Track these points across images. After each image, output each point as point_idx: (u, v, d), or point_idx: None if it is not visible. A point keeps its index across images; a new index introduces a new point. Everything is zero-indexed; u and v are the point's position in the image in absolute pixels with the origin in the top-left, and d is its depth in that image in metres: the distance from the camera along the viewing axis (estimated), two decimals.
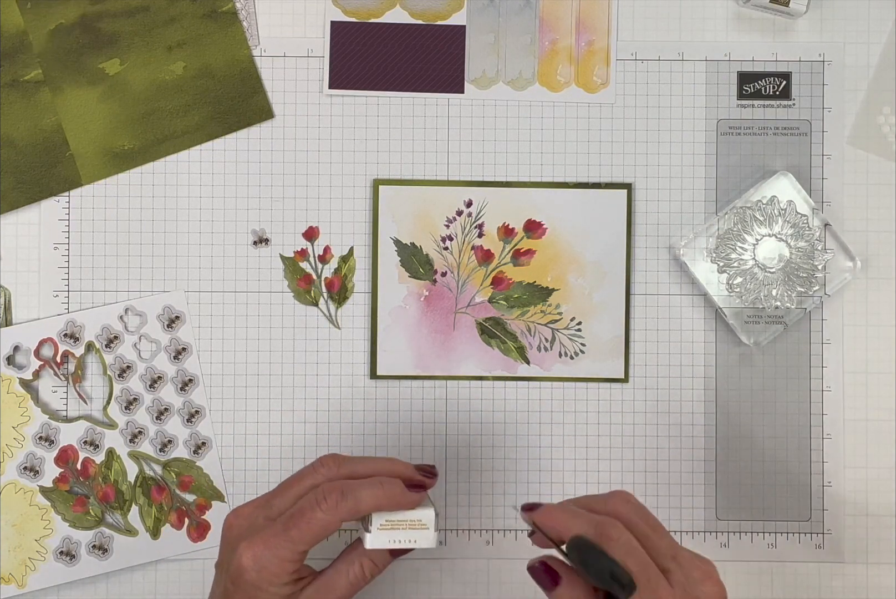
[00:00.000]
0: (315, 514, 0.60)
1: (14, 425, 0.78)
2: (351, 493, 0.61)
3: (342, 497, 0.60)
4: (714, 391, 0.79)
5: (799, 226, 0.77)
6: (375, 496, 0.61)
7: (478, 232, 0.79)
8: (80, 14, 0.78)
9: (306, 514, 0.60)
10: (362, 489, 0.61)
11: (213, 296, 0.79)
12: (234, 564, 0.61)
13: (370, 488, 0.61)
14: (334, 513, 0.60)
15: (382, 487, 0.61)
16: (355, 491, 0.61)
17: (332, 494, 0.61)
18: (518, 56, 0.79)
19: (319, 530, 0.60)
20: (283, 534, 0.60)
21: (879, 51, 0.79)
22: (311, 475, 0.63)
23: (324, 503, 0.60)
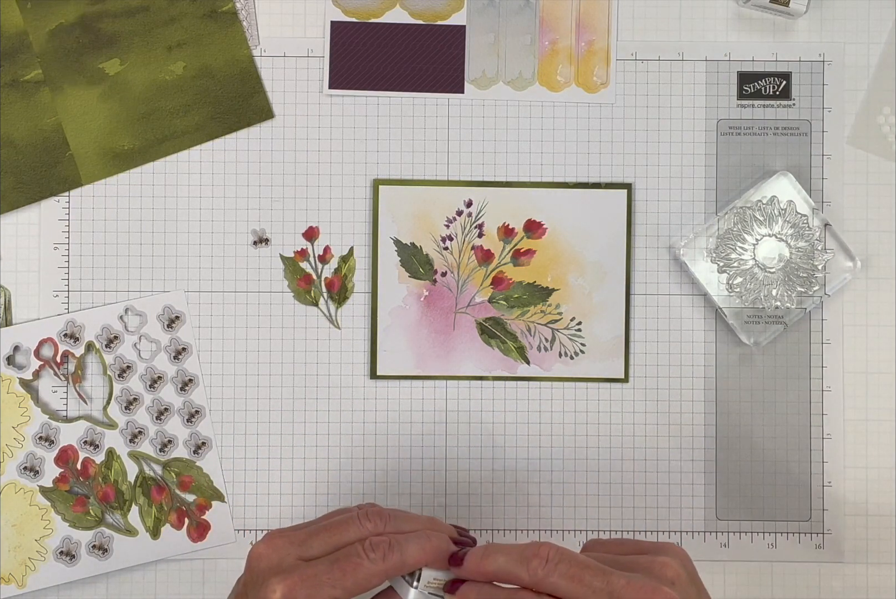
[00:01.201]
0: (362, 562, 0.58)
1: (14, 425, 0.78)
2: (398, 546, 0.58)
3: (390, 550, 0.58)
4: (714, 391, 0.79)
5: (799, 226, 0.77)
6: (423, 550, 0.59)
7: (478, 232, 0.79)
8: (80, 14, 0.78)
9: (352, 560, 0.58)
10: (410, 542, 0.59)
11: (213, 296, 0.79)
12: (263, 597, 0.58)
13: (418, 542, 0.59)
14: (381, 565, 0.58)
15: (430, 541, 0.59)
16: (403, 544, 0.59)
17: (381, 545, 0.58)
18: (518, 56, 0.79)
19: (363, 579, 0.58)
20: (325, 575, 0.57)
21: (879, 51, 0.79)
22: (354, 525, 0.60)
23: (371, 553, 0.58)
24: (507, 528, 0.78)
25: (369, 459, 0.79)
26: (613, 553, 0.59)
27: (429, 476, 0.78)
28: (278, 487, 0.78)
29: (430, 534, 0.59)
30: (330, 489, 0.79)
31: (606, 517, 0.78)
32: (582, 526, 0.78)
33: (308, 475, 0.79)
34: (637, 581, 0.54)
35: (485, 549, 0.57)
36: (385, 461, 0.79)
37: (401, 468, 0.78)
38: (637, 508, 0.79)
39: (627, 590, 0.54)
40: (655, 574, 0.56)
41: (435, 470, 0.79)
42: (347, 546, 0.59)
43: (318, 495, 0.78)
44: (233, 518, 0.78)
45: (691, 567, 0.58)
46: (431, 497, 0.78)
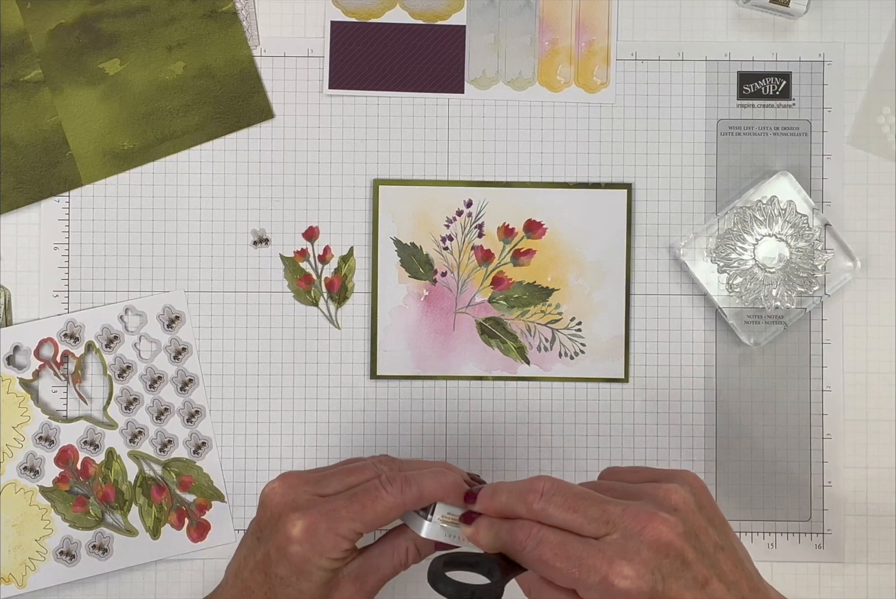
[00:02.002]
0: (380, 494, 0.59)
1: (14, 425, 0.78)
2: (415, 480, 0.60)
3: (407, 483, 0.60)
4: (714, 391, 0.79)
5: (799, 226, 0.77)
6: (440, 484, 0.60)
7: (478, 232, 0.79)
8: (80, 14, 0.78)
9: (371, 493, 0.59)
10: (426, 477, 0.60)
11: (213, 296, 0.79)
12: (283, 533, 0.59)
13: (434, 477, 0.60)
14: (399, 497, 0.59)
15: (446, 477, 0.60)
16: (419, 479, 0.60)
17: (397, 480, 0.60)
18: (518, 56, 0.79)
19: (383, 511, 0.59)
20: (345, 509, 0.58)
21: (879, 51, 0.79)
22: (369, 468, 0.62)
23: (389, 486, 0.59)
24: None
25: None
26: (627, 480, 0.59)
27: None
28: None
29: (445, 472, 0.61)
30: None
31: None
32: None
33: None
34: (634, 508, 0.54)
35: (493, 488, 0.58)
36: None
37: None
38: None
39: (624, 518, 0.54)
40: (658, 501, 0.55)
41: None
42: (365, 483, 0.60)
43: None
44: (233, 518, 0.78)
45: (703, 496, 0.57)
46: None
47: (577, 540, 0.54)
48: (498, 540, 0.57)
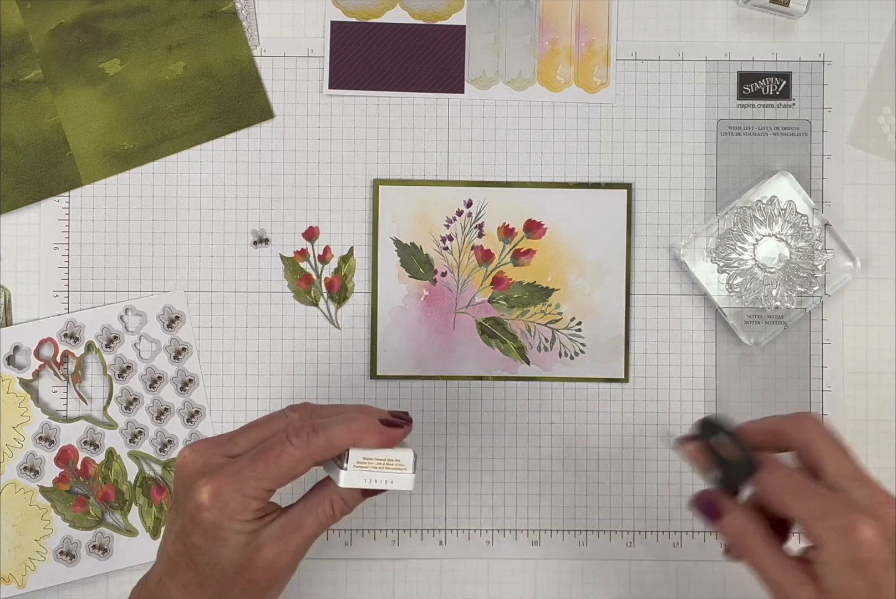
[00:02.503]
0: (285, 448, 0.57)
1: (14, 425, 0.78)
2: (323, 429, 0.58)
3: (314, 433, 0.57)
4: (714, 391, 0.79)
5: (799, 226, 0.77)
6: (350, 430, 0.58)
7: (478, 232, 0.79)
8: (80, 14, 0.78)
9: (275, 448, 0.57)
10: (335, 424, 0.58)
11: (213, 296, 0.79)
12: (193, 501, 0.57)
13: (344, 423, 0.58)
14: (306, 449, 0.57)
15: (357, 421, 0.58)
16: (328, 427, 0.58)
17: (304, 430, 0.58)
18: (518, 56, 0.79)
19: (289, 466, 0.57)
20: (249, 469, 0.57)
21: (879, 51, 0.79)
22: (279, 419, 0.60)
23: (294, 439, 0.57)
24: (506, 528, 0.78)
25: None
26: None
27: (428, 476, 0.78)
28: None
29: (355, 416, 0.59)
30: None
31: (606, 516, 0.78)
32: (582, 526, 0.78)
33: (307, 474, 0.78)
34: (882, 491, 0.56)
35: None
36: None
37: None
38: (637, 508, 0.78)
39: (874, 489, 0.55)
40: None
41: (435, 470, 0.79)
42: (271, 437, 0.58)
43: None
44: None
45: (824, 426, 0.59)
46: (431, 497, 0.78)
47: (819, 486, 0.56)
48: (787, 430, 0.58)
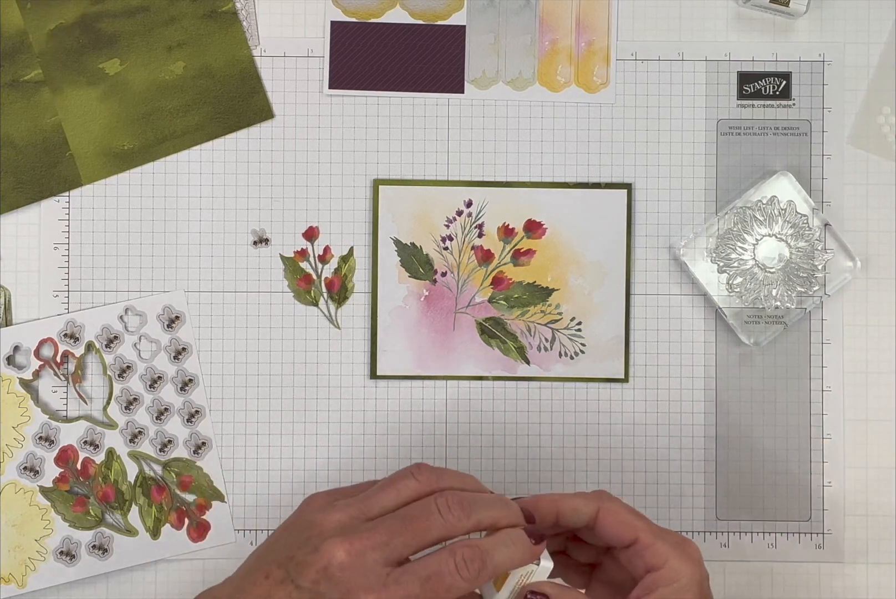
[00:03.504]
0: (455, 581, 0.56)
1: (14, 425, 0.78)
2: (490, 560, 0.57)
3: (483, 566, 0.56)
4: (714, 391, 0.79)
5: (799, 226, 0.77)
6: (511, 558, 0.57)
7: (478, 232, 0.79)
8: (80, 14, 0.78)
9: (446, 579, 0.56)
10: (498, 552, 0.57)
11: (213, 296, 0.79)
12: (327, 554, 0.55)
13: (505, 549, 0.57)
14: (474, 582, 0.56)
15: (515, 547, 0.58)
16: (493, 556, 0.57)
17: (475, 563, 0.56)
18: (518, 56, 0.79)
19: (454, 597, 0.56)
20: (418, 597, 0.55)
21: (879, 51, 0.79)
22: (439, 522, 0.57)
23: (465, 571, 0.56)
24: None
25: (369, 459, 0.79)
26: None
27: None
28: (278, 487, 0.78)
29: (513, 539, 0.58)
30: None
31: None
32: None
33: (308, 475, 0.79)
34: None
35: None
36: (385, 461, 0.79)
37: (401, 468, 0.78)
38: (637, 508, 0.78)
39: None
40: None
41: None
42: (437, 563, 0.56)
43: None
44: (233, 518, 0.78)
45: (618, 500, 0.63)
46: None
47: None
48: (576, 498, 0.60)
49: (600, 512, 0.59)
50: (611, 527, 0.59)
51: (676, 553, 0.58)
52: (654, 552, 0.58)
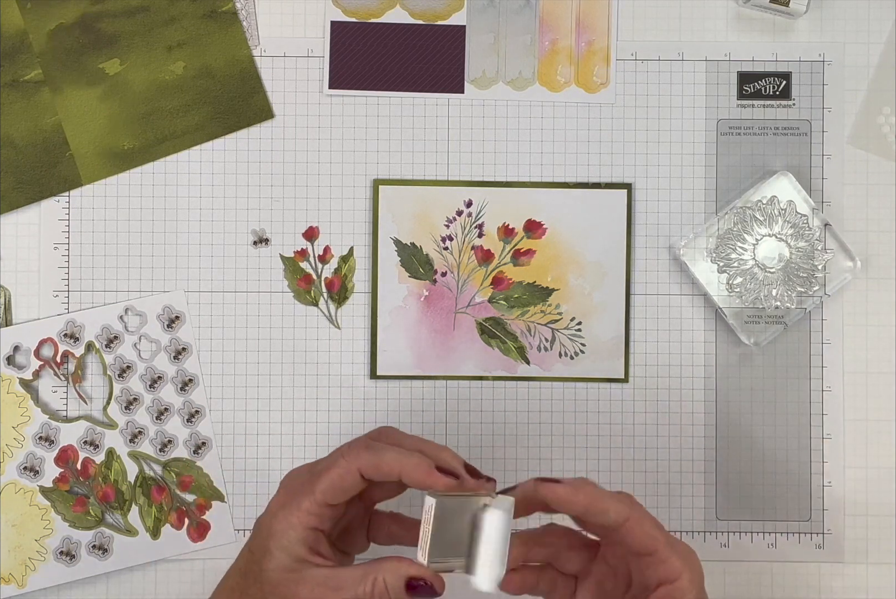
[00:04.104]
0: (336, 461, 0.60)
1: (14, 425, 0.78)
2: (376, 449, 0.60)
3: (366, 449, 0.60)
4: (714, 391, 0.79)
5: (799, 226, 0.77)
6: (400, 461, 0.59)
7: (478, 232, 0.79)
8: (80, 14, 0.78)
9: (328, 461, 0.61)
10: (389, 450, 0.60)
11: (213, 296, 0.79)
12: (266, 510, 0.62)
13: (397, 452, 0.60)
14: (354, 462, 0.59)
15: (411, 457, 0.59)
16: (381, 449, 0.60)
17: (357, 445, 0.60)
18: (518, 56, 0.79)
19: (337, 477, 0.59)
20: (308, 484, 0.60)
21: (879, 51, 0.79)
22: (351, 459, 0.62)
23: (348, 452, 0.60)
24: None
25: None
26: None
27: None
28: None
29: (414, 453, 0.60)
30: None
31: None
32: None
33: None
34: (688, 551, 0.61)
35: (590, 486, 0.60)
36: None
37: None
38: None
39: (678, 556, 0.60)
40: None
41: None
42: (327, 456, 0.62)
43: None
44: (233, 518, 0.78)
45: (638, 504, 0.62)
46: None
47: None
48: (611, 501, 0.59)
49: (629, 522, 0.59)
50: (636, 537, 0.59)
51: (687, 568, 0.59)
52: (671, 566, 0.59)
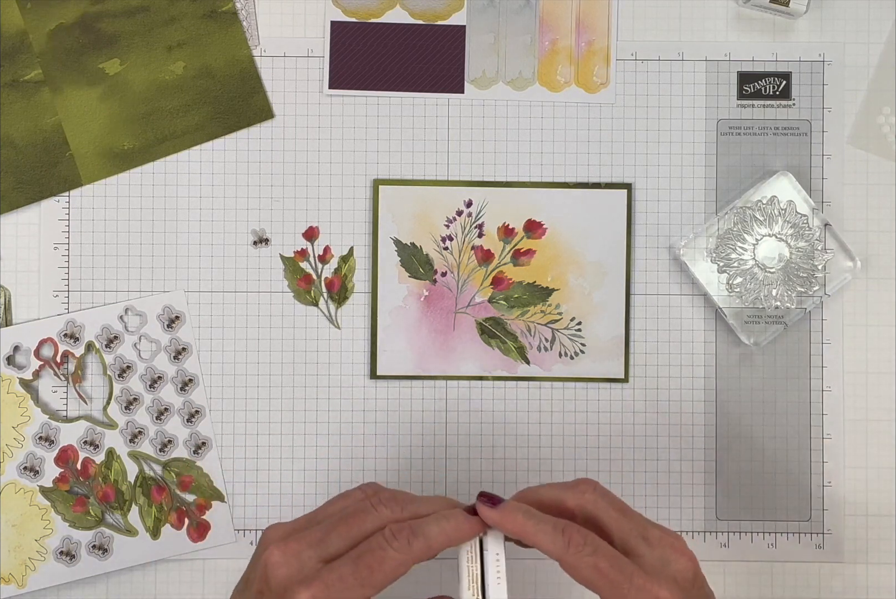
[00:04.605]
0: (387, 553, 0.55)
1: (14, 425, 0.78)
2: (420, 530, 0.56)
3: (413, 536, 0.56)
4: (714, 391, 0.79)
5: (799, 226, 0.77)
6: (444, 530, 0.57)
7: (478, 232, 0.79)
8: (80, 14, 0.78)
9: (377, 554, 0.55)
10: (430, 524, 0.57)
11: (213, 296, 0.79)
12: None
13: (436, 523, 0.57)
14: (408, 552, 0.55)
15: (448, 520, 0.57)
16: (423, 528, 0.57)
17: (403, 533, 0.56)
18: (518, 56, 0.79)
19: (391, 571, 0.55)
20: (352, 576, 0.55)
21: (879, 51, 0.79)
22: (372, 515, 0.58)
23: (395, 542, 0.56)
24: None
25: (369, 459, 0.79)
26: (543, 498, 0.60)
27: (429, 476, 0.78)
28: (278, 487, 0.78)
29: (446, 513, 0.58)
30: (330, 489, 0.79)
31: None
32: None
33: (308, 475, 0.79)
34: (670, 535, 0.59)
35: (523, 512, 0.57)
36: (385, 462, 0.79)
37: (401, 469, 0.78)
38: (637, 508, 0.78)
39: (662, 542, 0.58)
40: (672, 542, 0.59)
41: (435, 470, 0.79)
42: (367, 539, 0.56)
43: (318, 495, 0.78)
44: (233, 518, 0.78)
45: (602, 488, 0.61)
46: None
47: (623, 556, 0.56)
48: (542, 535, 0.56)
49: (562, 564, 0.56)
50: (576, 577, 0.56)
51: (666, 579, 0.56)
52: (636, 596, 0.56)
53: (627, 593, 0.55)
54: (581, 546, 0.56)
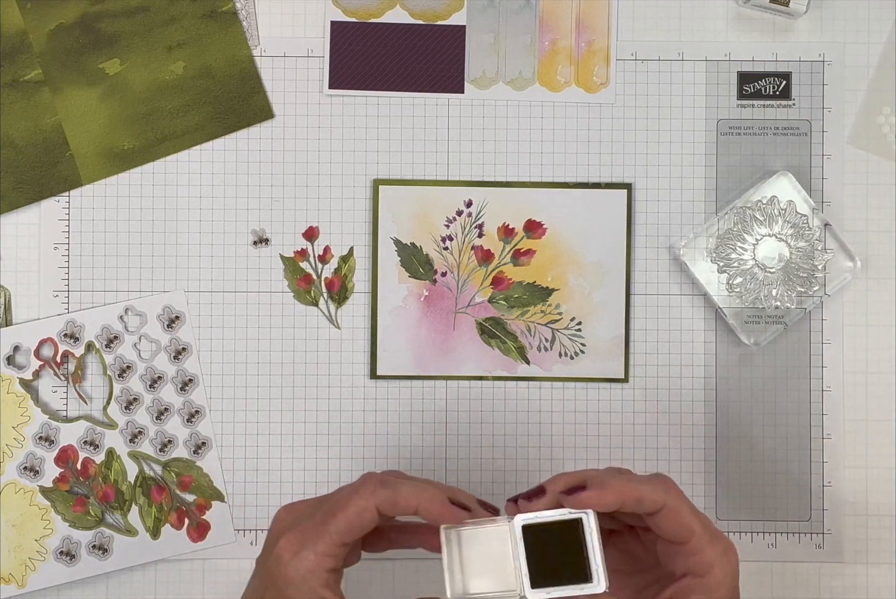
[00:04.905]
0: (351, 498, 0.58)
1: (14, 425, 0.78)
2: (391, 484, 0.58)
3: (381, 485, 0.58)
4: (714, 391, 0.79)
5: (799, 226, 0.77)
6: (417, 495, 0.58)
7: (478, 232, 0.79)
8: (80, 14, 0.78)
9: (342, 500, 0.58)
10: (404, 484, 0.58)
11: (213, 296, 0.79)
12: (273, 556, 0.58)
13: (412, 486, 0.58)
14: (371, 498, 0.57)
15: (427, 491, 0.58)
16: (397, 484, 0.58)
17: (371, 482, 0.58)
18: (518, 56, 0.79)
19: (354, 515, 0.57)
20: (321, 524, 0.57)
21: (879, 51, 0.79)
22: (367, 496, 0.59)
23: (362, 488, 0.58)
24: None
25: (369, 459, 0.79)
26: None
27: (429, 476, 0.78)
28: (278, 487, 0.78)
29: (427, 487, 0.59)
30: (330, 489, 0.78)
31: None
32: None
33: (308, 475, 0.79)
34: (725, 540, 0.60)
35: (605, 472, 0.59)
36: (385, 461, 0.79)
37: (401, 468, 0.78)
38: None
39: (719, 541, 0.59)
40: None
41: (435, 470, 0.79)
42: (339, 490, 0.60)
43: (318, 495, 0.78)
44: (233, 518, 0.78)
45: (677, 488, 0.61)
46: None
47: None
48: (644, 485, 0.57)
49: (664, 510, 0.57)
50: (669, 525, 0.57)
51: (721, 563, 0.58)
52: (701, 559, 0.57)
53: (713, 537, 0.58)
54: (679, 491, 0.58)
